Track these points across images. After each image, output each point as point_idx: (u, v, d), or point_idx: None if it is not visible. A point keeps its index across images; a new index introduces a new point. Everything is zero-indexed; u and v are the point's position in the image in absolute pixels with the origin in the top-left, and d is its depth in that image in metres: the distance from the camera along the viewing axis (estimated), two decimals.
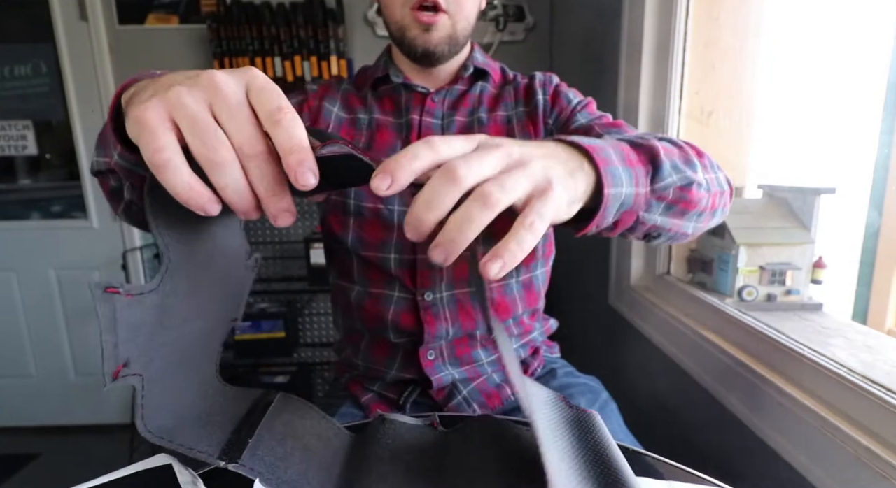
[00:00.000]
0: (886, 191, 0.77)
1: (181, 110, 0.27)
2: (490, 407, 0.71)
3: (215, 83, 0.28)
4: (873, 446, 0.52)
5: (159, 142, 0.27)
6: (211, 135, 0.27)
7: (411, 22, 0.63)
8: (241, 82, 0.29)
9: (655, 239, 0.47)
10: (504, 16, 1.77)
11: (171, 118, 0.28)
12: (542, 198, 0.30)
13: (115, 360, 0.29)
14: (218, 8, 1.70)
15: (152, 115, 0.27)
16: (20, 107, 1.82)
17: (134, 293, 0.29)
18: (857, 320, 0.81)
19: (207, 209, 0.28)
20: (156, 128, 0.27)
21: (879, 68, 0.77)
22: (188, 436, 0.32)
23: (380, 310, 0.69)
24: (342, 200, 0.68)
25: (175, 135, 0.28)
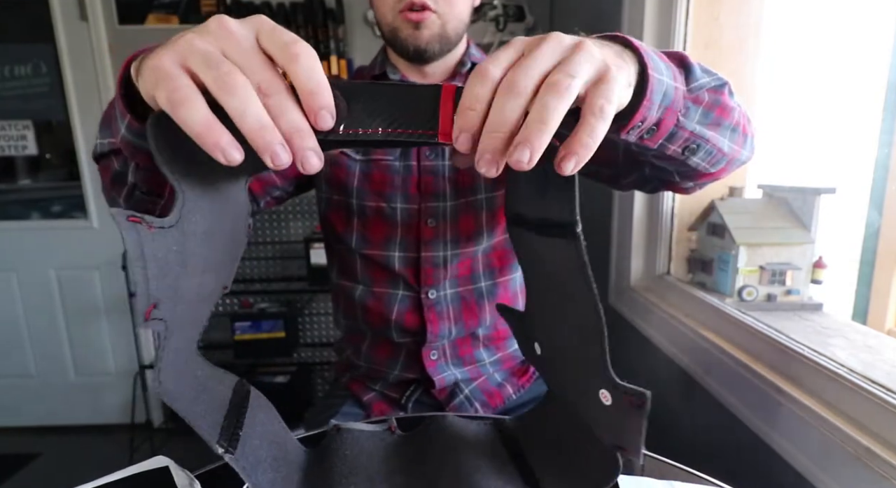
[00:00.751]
0: (886, 191, 0.77)
1: (194, 55, 0.26)
2: (492, 407, 0.71)
3: (225, 27, 0.27)
4: (873, 446, 0.52)
5: (176, 81, 0.26)
6: (225, 66, 0.26)
7: (402, 23, 0.63)
8: (251, 27, 0.28)
9: (694, 154, 0.44)
10: (504, 16, 1.77)
11: (186, 65, 0.26)
12: (605, 81, 0.29)
13: (147, 298, 0.27)
14: (218, 8, 1.70)
15: (167, 61, 0.26)
16: (20, 107, 1.82)
17: (156, 226, 0.28)
18: (857, 320, 0.81)
19: (227, 150, 0.26)
20: (171, 71, 0.26)
21: (879, 68, 0.77)
22: (191, 409, 0.31)
23: (383, 308, 0.69)
24: (344, 199, 0.68)
25: (191, 79, 0.26)
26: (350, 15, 1.76)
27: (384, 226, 0.67)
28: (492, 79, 0.28)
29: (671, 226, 1.04)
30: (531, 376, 0.76)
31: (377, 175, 0.67)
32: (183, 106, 0.25)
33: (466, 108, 0.28)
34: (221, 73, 0.26)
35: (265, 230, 1.89)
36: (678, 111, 0.39)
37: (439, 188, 0.67)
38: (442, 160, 0.67)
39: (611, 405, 0.31)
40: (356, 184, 0.67)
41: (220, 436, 0.31)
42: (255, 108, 0.26)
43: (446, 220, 0.67)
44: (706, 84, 0.41)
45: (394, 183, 0.67)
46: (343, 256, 0.72)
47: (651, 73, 0.33)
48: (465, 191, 0.67)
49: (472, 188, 0.67)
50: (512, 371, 0.74)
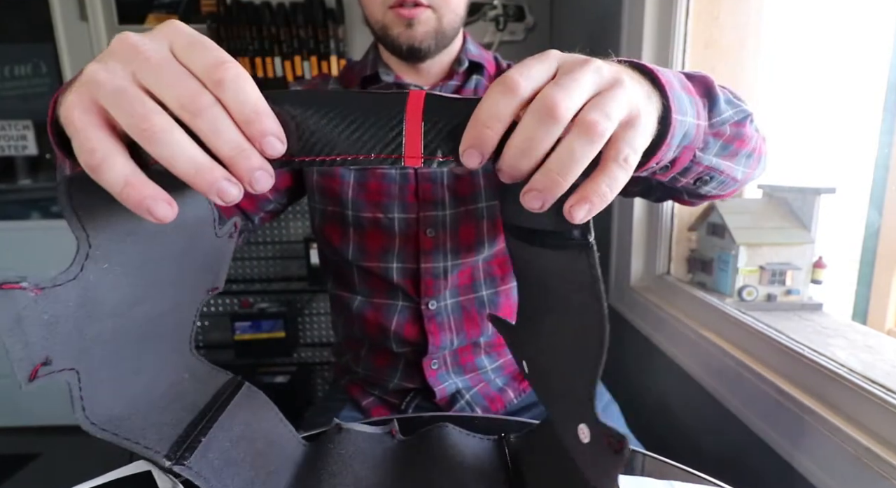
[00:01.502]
0: (886, 191, 0.77)
1: (99, 89, 0.23)
2: (493, 411, 0.70)
3: (130, 45, 0.23)
4: (873, 446, 0.52)
5: (90, 142, 0.23)
6: (137, 102, 0.22)
7: (392, 19, 0.60)
8: (162, 40, 0.24)
9: (706, 184, 0.43)
10: (504, 16, 1.77)
11: (98, 105, 0.23)
12: (633, 126, 0.26)
13: (28, 361, 0.24)
14: (218, 8, 1.70)
15: (77, 113, 0.23)
16: (20, 107, 1.82)
17: (44, 286, 0.25)
18: (857, 320, 0.81)
19: (152, 209, 0.23)
20: (83, 127, 0.23)
21: (879, 68, 0.77)
22: (136, 428, 0.29)
23: (382, 320, 0.68)
24: (339, 211, 0.66)
25: (107, 128, 0.23)
26: (350, 15, 1.76)
27: (382, 237, 0.65)
28: (521, 95, 0.24)
29: (671, 226, 1.04)
30: None
31: (373, 185, 0.65)
32: (100, 170, 0.23)
33: (483, 125, 0.24)
34: (137, 118, 0.22)
35: (265, 230, 1.89)
36: (696, 148, 0.37)
37: (438, 196, 0.65)
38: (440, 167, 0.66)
39: (588, 443, 0.28)
40: (351, 195, 0.65)
41: (169, 449, 0.29)
42: (185, 151, 0.22)
43: (446, 230, 0.65)
44: (729, 118, 0.39)
45: (391, 192, 0.64)
46: (339, 267, 0.70)
47: (674, 116, 0.31)
48: (464, 200, 0.65)
49: (472, 196, 0.65)
50: (513, 375, 0.73)
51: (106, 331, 0.29)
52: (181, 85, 0.23)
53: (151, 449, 0.29)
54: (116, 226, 0.28)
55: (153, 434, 0.30)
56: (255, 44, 1.69)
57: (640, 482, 0.42)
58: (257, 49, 1.69)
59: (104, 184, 0.23)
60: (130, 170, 0.23)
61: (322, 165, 0.26)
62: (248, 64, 1.70)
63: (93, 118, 0.23)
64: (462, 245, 0.66)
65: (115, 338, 0.29)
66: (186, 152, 0.23)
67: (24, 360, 0.24)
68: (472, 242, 0.66)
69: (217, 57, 0.23)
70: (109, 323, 0.29)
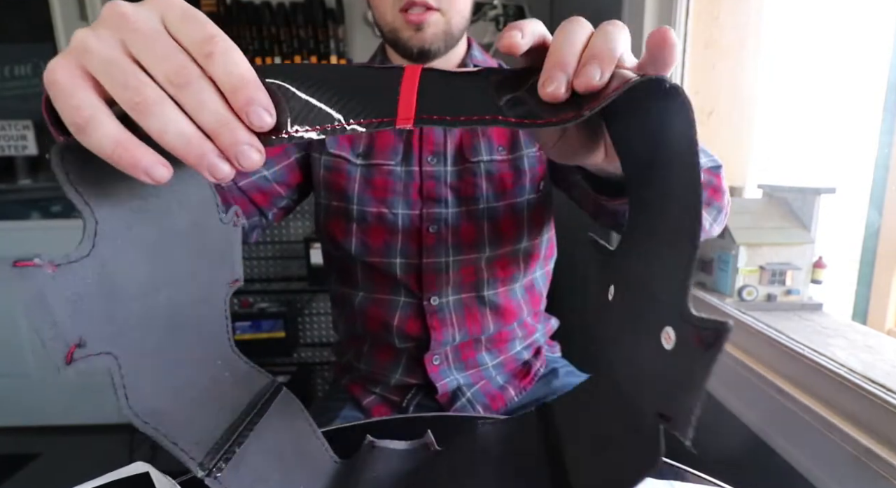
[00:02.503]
0: (886, 191, 0.77)
1: (90, 57, 0.23)
2: (493, 409, 0.70)
3: (121, 14, 0.23)
4: (873, 446, 0.52)
5: (75, 99, 0.22)
6: (130, 74, 0.22)
7: (402, 24, 0.61)
8: (154, 10, 0.24)
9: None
10: (504, 16, 1.77)
11: (85, 71, 0.23)
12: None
13: (61, 342, 0.23)
14: (218, 8, 1.70)
15: (62, 74, 0.22)
16: (20, 107, 1.82)
17: (59, 263, 0.24)
18: (857, 320, 0.81)
19: (150, 170, 0.22)
20: (68, 86, 0.22)
21: (879, 68, 0.77)
22: (177, 425, 0.29)
23: (384, 315, 0.69)
24: (344, 206, 0.67)
25: (95, 90, 0.23)
26: (350, 15, 1.76)
27: (385, 232, 0.67)
28: (587, 29, 0.28)
29: None
30: (533, 378, 0.76)
31: (379, 180, 0.66)
32: (88, 129, 0.22)
33: (569, 51, 0.26)
34: (130, 91, 0.22)
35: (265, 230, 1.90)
36: None
37: (441, 194, 0.66)
38: (443, 166, 0.66)
39: (672, 349, 0.25)
40: (357, 190, 0.66)
41: (205, 456, 0.29)
42: (176, 123, 0.22)
43: (448, 227, 0.66)
44: (704, 164, 0.41)
45: (395, 188, 0.66)
46: (342, 263, 0.71)
47: None
48: (466, 200, 0.66)
49: (475, 197, 0.66)
50: (514, 373, 0.74)
51: (133, 314, 0.28)
52: (170, 58, 0.23)
53: (187, 453, 0.28)
54: (118, 198, 0.27)
55: (191, 435, 0.29)
56: (255, 44, 1.69)
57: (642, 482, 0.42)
58: (257, 49, 1.69)
59: (94, 147, 0.22)
60: (119, 130, 0.22)
61: (314, 135, 0.25)
62: None
63: (78, 80, 0.23)
64: (464, 243, 0.67)
65: (144, 323, 0.29)
66: (177, 125, 0.22)
67: (56, 340, 0.24)
68: (473, 241, 0.67)
69: (208, 31, 0.23)
70: (135, 306, 0.28)
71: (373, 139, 0.67)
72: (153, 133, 0.22)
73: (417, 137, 0.67)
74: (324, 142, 0.65)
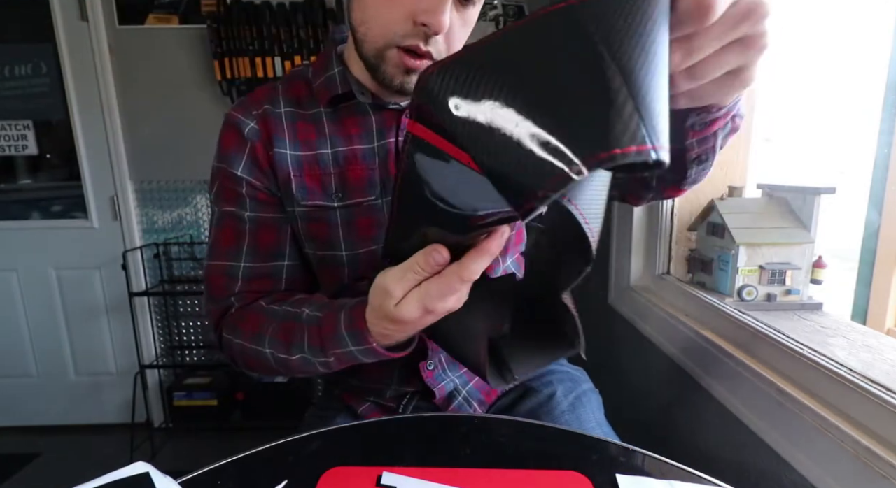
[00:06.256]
0: (886, 191, 0.77)
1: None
2: (488, 403, 0.71)
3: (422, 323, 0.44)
4: (873, 446, 0.52)
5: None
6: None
7: (395, 60, 0.54)
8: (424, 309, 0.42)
9: (699, 164, 0.47)
10: (504, 16, 1.77)
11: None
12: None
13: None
14: (218, 8, 1.70)
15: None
16: (20, 107, 1.82)
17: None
18: (857, 320, 0.81)
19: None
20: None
21: (879, 68, 0.77)
22: None
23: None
24: (332, 254, 0.63)
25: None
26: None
27: (377, 263, 0.61)
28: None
29: (671, 225, 1.04)
30: None
31: (362, 221, 0.61)
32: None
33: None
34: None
35: None
36: (734, 114, 0.43)
37: None
38: None
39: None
40: (342, 236, 0.61)
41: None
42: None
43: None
44: (738, 110, 0.44)
45: (380, 223, 0.61)
46: (334, 291, 0.67)
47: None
48: None
49: None
50: None
51: None
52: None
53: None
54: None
55: None
56: (254, 44, 1.69)
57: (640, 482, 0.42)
58: (257, 49, 1.69)
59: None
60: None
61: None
62: (248, 64, 1.70)
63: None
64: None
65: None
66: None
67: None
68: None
69: (463, 281, 0.41)
70: None
71: (344, 176, 0.60)
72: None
73: (395, 161, 0.61)
74: (293, 194, 0.60)
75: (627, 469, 0.45)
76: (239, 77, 1.72)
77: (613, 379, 1.21)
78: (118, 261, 1.82)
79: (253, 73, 1.71)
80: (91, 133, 1.82)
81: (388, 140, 0.60)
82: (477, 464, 0.46)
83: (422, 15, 0.50)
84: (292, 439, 0.51)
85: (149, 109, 1.82)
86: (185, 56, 1.78)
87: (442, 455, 0.48)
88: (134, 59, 1.78)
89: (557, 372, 0.75)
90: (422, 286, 0.41)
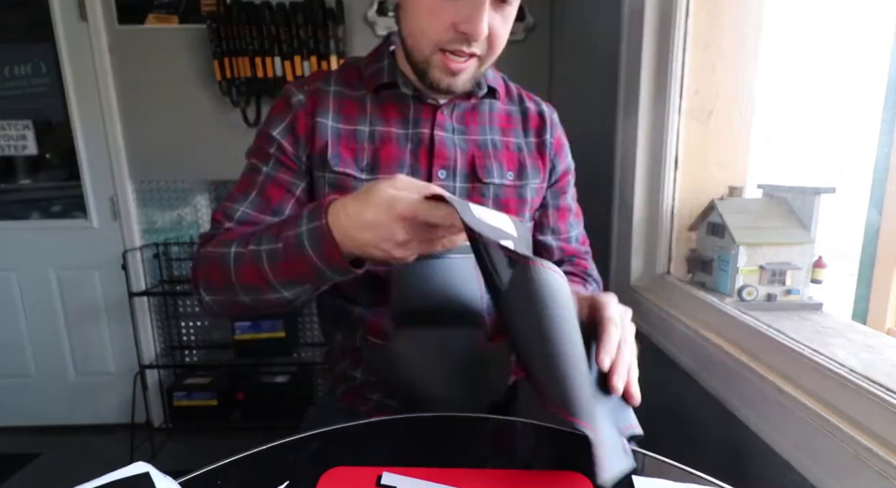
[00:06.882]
0: (886, 191, 0.77)
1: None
2: None
3: (406, 240, 0.47)
4: (873, 446, 0.52)
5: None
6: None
7: (439, 64, 0.59)
8: (408, 224, 0.46)
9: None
10: None
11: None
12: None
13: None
14: (218, 8, 1.70)
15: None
16: (20, 107, 1.82)
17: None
18: (857, 320, 0.81)
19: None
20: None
21: (879, 68, 0.77)
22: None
23: (384, 324, 0.67)
24: None
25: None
26: (350, 15, 1.76)
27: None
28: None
29: (671, 225, 1.04)
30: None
31: None
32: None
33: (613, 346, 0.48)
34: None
35: None
36: None
37: None
38: (453, 181, 0.66)
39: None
40: None
41: None
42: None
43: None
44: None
45: None
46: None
47: None
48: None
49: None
50: None
51: None
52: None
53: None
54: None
55: None
56: (254, 44, 1.69)
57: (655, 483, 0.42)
58: (257, 49, 1.69)
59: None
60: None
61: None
62: (248, 64, 1.70)
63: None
64: None
65: None
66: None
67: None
68: None
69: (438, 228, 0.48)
70: None
71: (377, 152, 0.66)
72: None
73: (426, 150, 0.66)
74: (326, 160, 0.64)
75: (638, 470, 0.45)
76: (239, 77, 1.71)
77: None
78: (118, 261, 1.82)
79: (253, 73, 1.71)
80: (91, 133, 1.82)
81: (423, 130, 0.67)
82: (477, 464, 0.45)
83: (462, 24, 0.56)
84: (292, 439, 0.51)
85: (149, 109, 1.82)
86: (184, 56, 1.78)
87: (442, 455, 0.48)
88: (134, 59, 1.78)
89: None
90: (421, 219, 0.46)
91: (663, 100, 1.01)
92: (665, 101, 1.01)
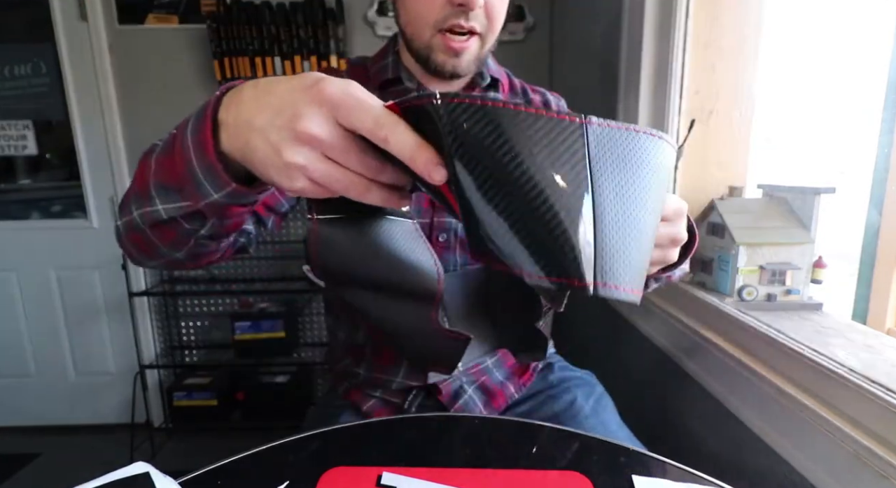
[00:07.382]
0: (886, 191, 0.77)
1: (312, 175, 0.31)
2: (494, 407, 0.71)
3: (310, 136, 0.30)
4: (873, 446, 0.52)
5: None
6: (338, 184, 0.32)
7: (441, 46, 0.60)
8: (328, 117, 0.30)
9: (657, 282, 0.58)
10: None
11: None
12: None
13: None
14: (218, 8, 1.70)
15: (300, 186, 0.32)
16: (20, 107, 1.82)
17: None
18: (857, 320, 0.81)
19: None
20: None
21: (880, 68, 0.77)
22: None
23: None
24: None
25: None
26: (350, 15, 1.76)
27: None
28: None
29: None
30: (531, 373, 0.76)
31: None
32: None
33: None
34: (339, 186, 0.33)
35: None
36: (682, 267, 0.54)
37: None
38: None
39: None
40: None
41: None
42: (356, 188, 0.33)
43: (457, 236, 0.67)
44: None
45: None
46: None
47: (695, 245, 0.51)
48: None
49: None
50: (513, 369, 0.74)
51: None
52: (361, 163, 0.33)
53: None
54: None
55: None
56: (254, 44, 1.69)
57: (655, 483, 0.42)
58: (257, 49, 1.69)
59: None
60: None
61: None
62: (248, 64, 1.70)
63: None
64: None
65: None
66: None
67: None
68: None
69: (374, 121, 0.30)
70: None
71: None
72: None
73: None
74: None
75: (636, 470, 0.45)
76: (238, 77, 1.71)
77: (613, 378, 1.21)
78: (118, 261, 1.81)
79: (253, 73, 1.71)
80: (91, 133, 1.82)
81: None
82: (477, 464, 0.46)
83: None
84: (292, 439, 0.51)
85: (148, 109, 1.82)
86: (184, 56, 1.78)
87: (442, 455, 0.48)
88: (134, 58, 1.78)
89: (572, 378, 0.76)
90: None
91: (663, 100, 1.01)
92: (665, 101, 1.01)
